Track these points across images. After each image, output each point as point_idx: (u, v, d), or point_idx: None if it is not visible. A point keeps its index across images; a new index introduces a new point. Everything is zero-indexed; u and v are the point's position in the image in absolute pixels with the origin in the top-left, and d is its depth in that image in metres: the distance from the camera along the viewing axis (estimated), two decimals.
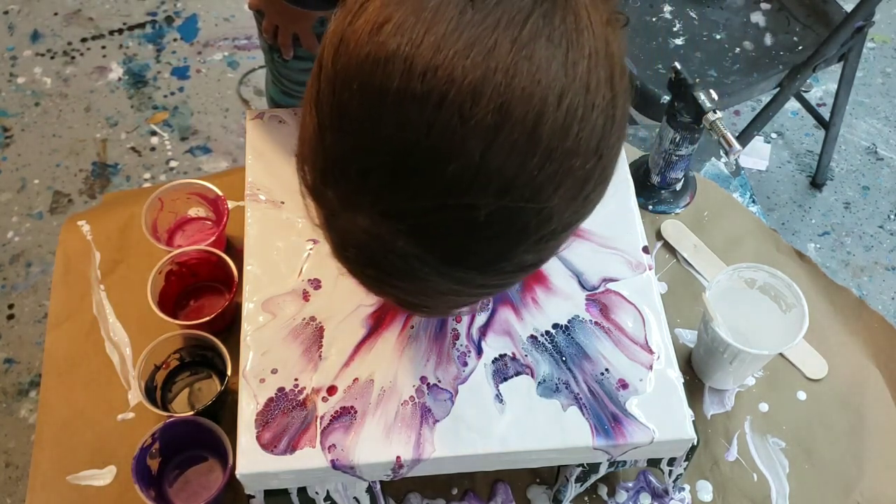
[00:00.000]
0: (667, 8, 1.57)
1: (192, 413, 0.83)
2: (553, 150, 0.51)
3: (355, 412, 0.74)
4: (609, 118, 0.54)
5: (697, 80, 0.93)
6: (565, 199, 0.53)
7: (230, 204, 0.96)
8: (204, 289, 0.96)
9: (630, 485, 0.87)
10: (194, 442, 0.85)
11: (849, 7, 1.47)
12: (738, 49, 1.52)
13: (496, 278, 0.57)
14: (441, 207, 0.51)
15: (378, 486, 0.78)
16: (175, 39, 2.07)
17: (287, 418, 0.74)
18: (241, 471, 0.72)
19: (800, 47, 1.52)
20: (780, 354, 0.94)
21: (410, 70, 0.49)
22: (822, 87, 2.05)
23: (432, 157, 0.50)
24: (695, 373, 0.93)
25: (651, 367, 0.77)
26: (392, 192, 0.52)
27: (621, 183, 0.88)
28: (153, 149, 1.91)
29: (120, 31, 2.09)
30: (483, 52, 0.49)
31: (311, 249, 0.83)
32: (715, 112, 0.90)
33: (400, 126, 0.50)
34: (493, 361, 0.77)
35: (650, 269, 0.82)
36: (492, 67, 0.49)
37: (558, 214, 0.54)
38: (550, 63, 0.50)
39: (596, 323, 0.79)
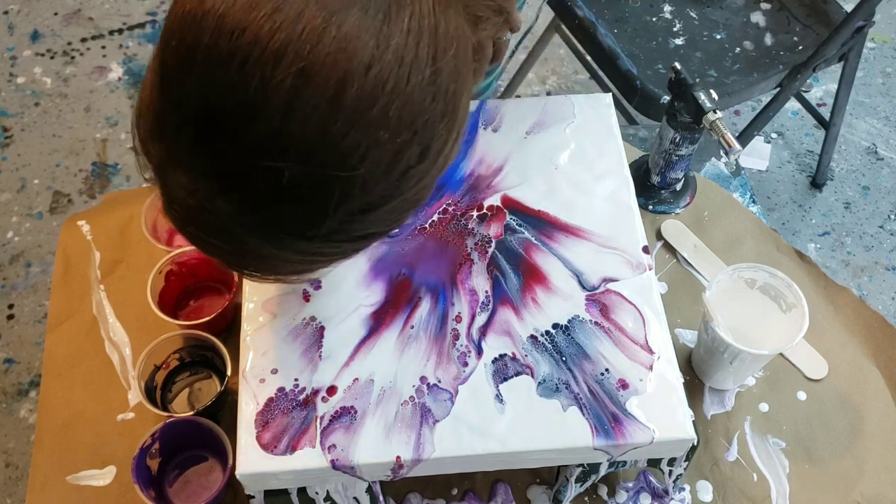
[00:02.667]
0: (667, 8, 1.57)
1: (192, 413, 0.83)
2: (357, 119, 0.51)
3: (355, 412, 0.74)
4: (429, 94, 0.54)
5: (697, 80, 0.93)
6: (375, 171, 0.54)
7: None
8: (204, 289, 0.96)
9: (630, 485, 0.87)
10: (194, 442, 0.85)
11: (849, 7, 1.47)
12: (738, 49, 1.52)
13: (321, 246, 0.58)
14: (248, 168, 0.52)
15: (378, 487, 0.79)
16: None
17: (287, 418, 0.74)
18: (240, 471, 0.72)
19: (800, 47, 1.52)
20: (780, 354, 0.94)
21: (220, 28, 0.50)
22: (822, 87, 2.05)
23: (236, 118, 0.51)
24: (695, 373, 0.93)
25: (651, 367, 0.77)
26: (202, 150, 0.53)
27: (621, 183, 0.88)
28: None
29: (120, 31, 2.09)
30: (292, 15, 0.50)
31: None
32: (715, 112, 0.90)
33: (206, 84, 0.51)
34: (493, 361, 0.77)
35: (650, 269, 0.82)
36: (297, 31, 0.50)
37: (368, 186, 0.54)
38: (360, 32, 0.51)
39: (596, 323, 0.79)
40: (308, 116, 0.51)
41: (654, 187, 1.03)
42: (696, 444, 0.75)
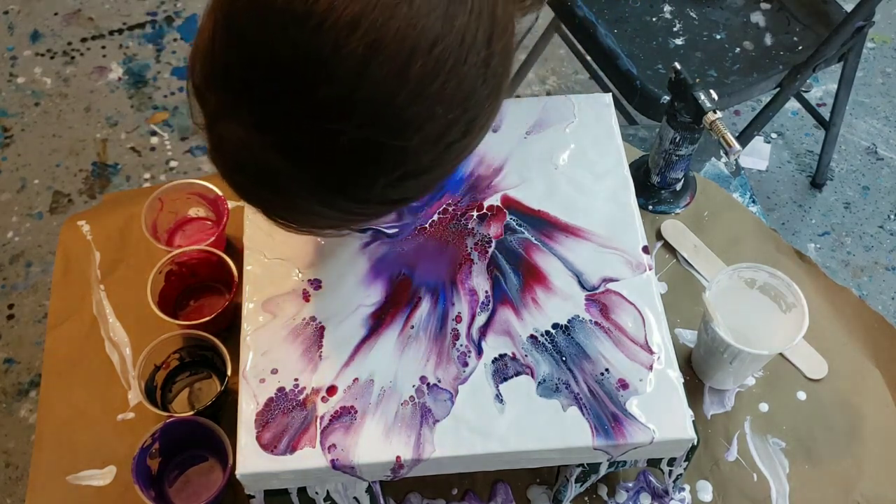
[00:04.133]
0: (667, 8, 1.57)
1: (192, 413, 0.83)
2: (419, 93, 0.54)
3: (355, 412, 0.74)
4: (481, 75, 0.57)
5: (697, 80, 0.93)
6: (425, 143, 0.56)
7: (230, 204, 0.96)
8: (204, 289, 0.96)
9: (630, 485, 0.87)
10: (194, 442, 0.85)
11: (849, 7, 1.47)
12: (738, 49, 1.52)
13: (360, 207, 0.60)
14: (309, 128, 0.54)
15: (378, 487, 0.79)
16: (175, 39, 2.07)
17: (287, 418, 0.74)
18: (241, 471, 0.72)
19: (800, 47, 1.52)
20: (780, 354, 0.94)
21: None
22: (822, 87, 2.05)
23: (305, 79, 0.52)
24: (695, 373, 0.93)
25: (651, 367, 0.77)
26: (266, 105, 0.54)
27: (621, 183, 0.88)
28: (153, 149, 1.91)
29: (120, 31, 2.09)
30: None
31: (311, 250, 0.83)
32: (715, 112, 0.90)
33: (279, 41, 0.52)
34: (493, 361, 0.77)
35: (650, 269, 0.82)
36: (372, 4, 0.52)
37: (416, 156, 0.57)
38: (430, 12, 0.53)
39: (596, 323, 0.79)
40: (375, 85, 0.52)
41: (654, 187, 1.03)
42: (696, 444, 0.75)
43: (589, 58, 1.57)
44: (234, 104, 0.56)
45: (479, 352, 0.77)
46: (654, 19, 1.55)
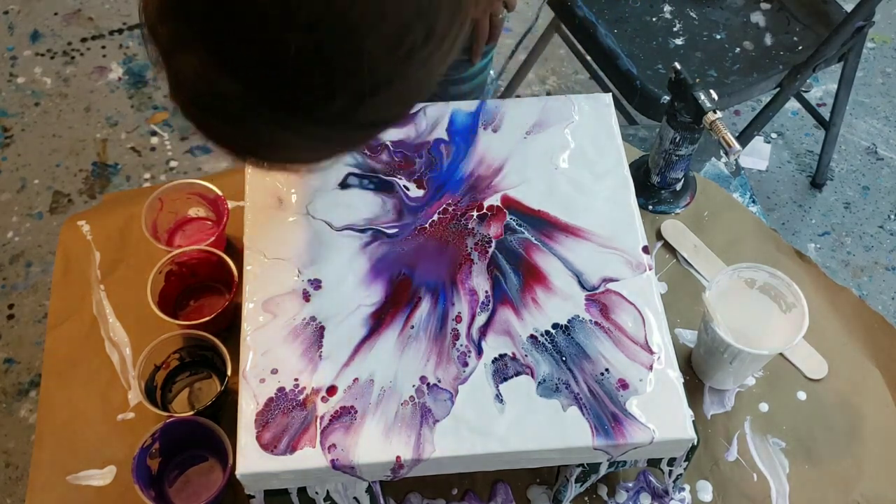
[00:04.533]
0: (667, 8, 1.57)
1: (192, 413, 0.83)
2: None
3: (355, 412, 0.74)
4: None
5: (697, 80, 0.93)
6: (378, 49, 0.54)
7: (230, 204, 0.96)
8: (204, 289, 0.96)
9: (630, 485, 0.87)
10: (194, 442, 0.85)
11: (849, 7, 1.47)
12: (738, 49, 1.52)
13: (327, 130, 0.57)
14: (256, 41, 0.52)
15: (378, 487, 0.79)
16: None
17: (287, 418, 0.74)
18: (241, 471, 0.72)
19: (800, 47, 1.52)
20: (780, 354, 0.94)
21: None
22: (822, 87, 2.05)
23: None
24: (695, 373, 0.93)
25: (651, 367, 0.77)
26: (209, 27, 0.53)
27: (621, 183, 0.88)
28: (153, 149, 1.91)
29: (120, 31, 2.09)
30: None
31: (311, 250, 0.83)
32: (715, 112, 0.90)
33: None
34: (493, 361, 0.77)
35: (650, 269, 0.82)
36: None
37: (371, 65, 0.54)
38: None
39: (596, 323, 0.79)
40: None
41: (654, 187, 1.03)
42: (696, 444, 0.75)
43: (589, 58, 1.57)
44: (183, 32, 0.54)
45: (479, 352, 0.77)
46: (654, 19, 1.56)
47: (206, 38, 0.54)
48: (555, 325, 0.79)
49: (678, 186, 1.04)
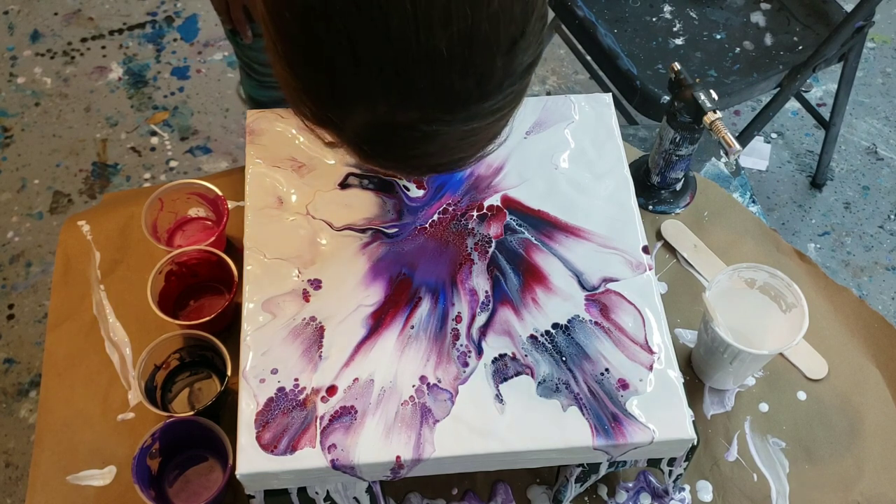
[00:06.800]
0: (667, 8, 1.57)
1: (192, 413, 0.83)
2: None
3: (355, 412, 0.74)
4: None
5: (697, 80, 0.93)
6: (505, 5, 0.57)
7: (230, 204, 0.96)
8: (204, 289, 0.96)
9: (630, 485, 0.87)
10: (194, 442, 0.85)
11: (849, 7, 1.47)
12: (738, 49, 1.52)
13: (497, 99, 0.60)
14: (403, 57, 0.56)
15: (378, 487, 0.79)
16: (175, 39, 2.07)
17: (287, 418, 0.74)
18: (241, 471, 0.72)
19: (800, 47, 1.52)
20: (780, 354, 0.94)
21: None
22: (822, 87, 2.05)
23: (377, 20, 0.55)
24: (695, 373, 0.93)
25: (651, 367, 0.77)
26: (365, 78, 0.57)
27: (621, 183, 0.88)
28: (153, 149, 1.91)
29: (120, 31, 2.09)
30: None
31: (311, 250, 0.83)
32: (715, 112, 0.90)
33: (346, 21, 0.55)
34: (493, 361, 0.77)
35: (650, 269, 0.82)
36: None
37: (505, 19, 0.57)
38: None
39: (596, 323, 0.79)
40: None
41: (654, 187, 1.03)
42: (696, 444, 0.75)
43: (589, 58, 1.57)
44: (359, 97, 0.58)
45: (479, 352, 0.77)
46: (654, 19, 1.55)
47: (365, 88, 0.58)
48: (555, 325, 0.79)
49: (678, 186, 1.04)
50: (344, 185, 0.87)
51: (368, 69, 0.56)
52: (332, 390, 0.75)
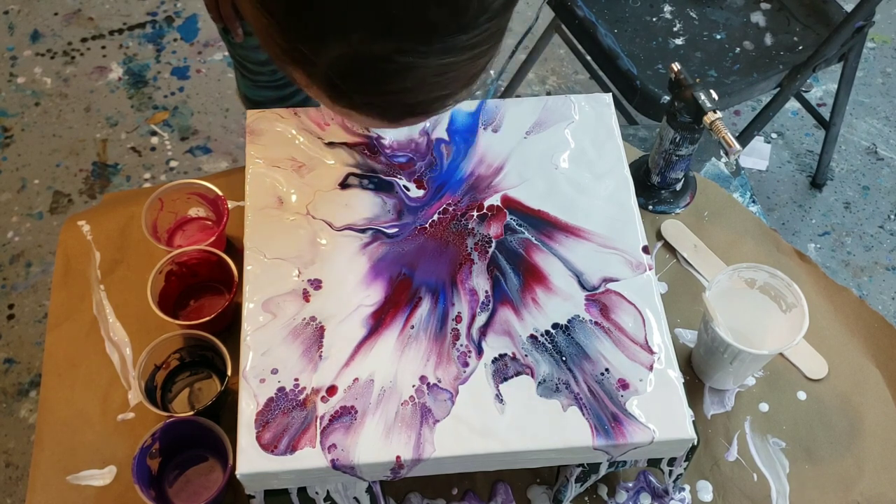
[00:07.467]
0: (667, 8, 1.57)
1: (192, 413, 0.83)
2: None
3: (355, 412, 0.74)
4: None
5: (697, 80, 0.93)
6: None
7: (230, 204, 0.96)
8: (204, 289, 0.96)
9: (630, 485, 0.87)
10: (194, 442, 0.85)
11: (849, 7, 1.47)
12: (738, 49, 1.52)
13: (475, 34, 0.60)
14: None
15: (378, 487, 0.79)
16: (175, 39, 2.07)
17: (287, 418, 0.74)
18: (241, 471, 0.72)
19: (800, 47, 1.52)
20: (780, 354, 0.94)
21: None
22: (822, 87, 2.05)
23: None
24: (695, 373, 0.93)
25: (651, 367, 0.77)
26: (344, 7, 0.56)
27: (621, 183, 0.88)
28: (153, 149, 1.91)
29: (120, 31, 2.09)
30: None
31: (311, 250, 0.83)
32: (715, 112, 0.90)
33: None
34: (493, 361, 0.77)
35: (650, 269, 0.82)
36: None
37: None
38: None
39: (596, 323, 0.79)
40: None
41: (654, 187, 1.03)
42: (696, 444, 0.75)
43: (589, 58, 1.57)
44: (320, 32, 0.58)
45: (480, 352, 0.77)
46: (654, 19, 1.55)
47: (343, 19, 0.57)
48: (555, 325, 0.79)
49: (678, 186, 1.04)
50: (344, 185, 0.87)
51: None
52: (332, 390, 0.75)
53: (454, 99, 0.67)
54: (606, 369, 0.77)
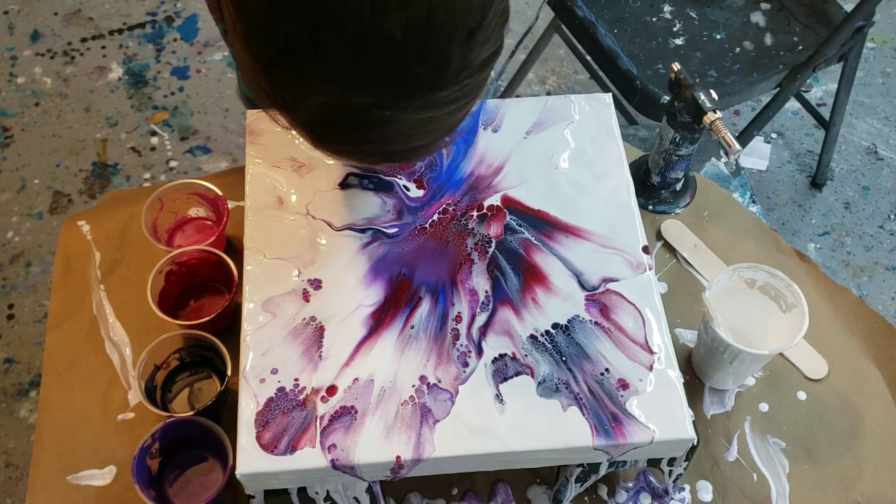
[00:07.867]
0: (667, 8, 1.57)
1: (192, 413, 0.83)
2: None
3: (355, 412, 0.74)
4: None
5: (697, 80, 0.93)
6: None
7: (230, 204, 0.96)
8: (204, 289, 0.96)
9: (630, 485, 0.87)
10: (194, 442, 0.85)
11: (849, 7, 1.47)
12: (738, 49, 1.52)
13: (453, 89, 0.61)
14: (359, 40, 0.56)
15: (378, 487, 0.79)
16: (175, 39, 2.07)
17: (287, 418, 0.74)
18: (241, 471, 0.72)
19: (800, 47, 1.52)
20: (780, 354, 0.94)
21: None
22: (822, 87, 2.05)
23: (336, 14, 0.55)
24: (695, 373, 0.93)
25: (651, 367, 0.77)
26: (323, 62, 0.57)
27: (621, 183, 0.88)
28: (153, 149, 1.91)
29: (120, 31, 2.09)
30: None
31: (311, 250, 0.83)
32: (715, 112, 0.90)
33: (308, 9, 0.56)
34: (493, 361, 0.77)
35: (650, 269, 0.82)
36: None
37: (462, 7, 0.58)
38: None
39: (596, 323, 0.79)
40: None
41: (654, 187, 1.03)
42: (696, 444, 0.75)
43: (589, 58, 1.57)
44: (302, 79, 0.58)
45: (480, 352, 0.77)
46: (654, 19, 1.55)
47: (321, 72, 0.58)
48: (555, 325, 0.79)
49: (678, 186, 1.04)
50: (344, 185, 0.87)
51: (324, 50, 0.56)
52: (332, 390, 0.75)
53: (434, 147, 0.67)
54: (606, 369, 0.77)
